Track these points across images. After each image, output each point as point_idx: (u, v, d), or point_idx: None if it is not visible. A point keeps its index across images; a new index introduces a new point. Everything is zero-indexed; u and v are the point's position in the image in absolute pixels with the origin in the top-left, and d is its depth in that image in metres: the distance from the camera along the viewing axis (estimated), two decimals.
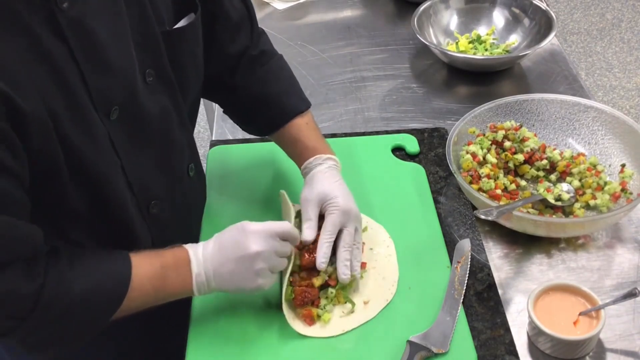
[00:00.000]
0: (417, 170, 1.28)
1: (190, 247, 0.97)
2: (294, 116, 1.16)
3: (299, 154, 1.15)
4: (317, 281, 1.03)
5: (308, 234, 1.03)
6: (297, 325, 1.01)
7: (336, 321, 1.02)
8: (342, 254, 1.03)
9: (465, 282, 1.06)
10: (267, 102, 1.17)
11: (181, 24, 1.03)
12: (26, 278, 0.83)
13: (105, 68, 0.88)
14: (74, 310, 0.87)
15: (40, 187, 0.86)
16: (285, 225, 0.99)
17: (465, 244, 1.12)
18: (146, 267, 0.93)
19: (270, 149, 1.35)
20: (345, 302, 1.04)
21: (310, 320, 1.01)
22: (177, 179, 1.08)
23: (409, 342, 0.97)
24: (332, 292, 1.03)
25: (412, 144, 1.34)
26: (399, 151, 1.34)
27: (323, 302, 1.03)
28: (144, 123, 0.97)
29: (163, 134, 1.02)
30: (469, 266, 1.09)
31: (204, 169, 1.28)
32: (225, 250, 0.96)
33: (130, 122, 0.94)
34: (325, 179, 1.08)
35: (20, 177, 0.82)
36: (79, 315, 0.88)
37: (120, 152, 0.94)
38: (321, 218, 1.06)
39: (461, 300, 1.04)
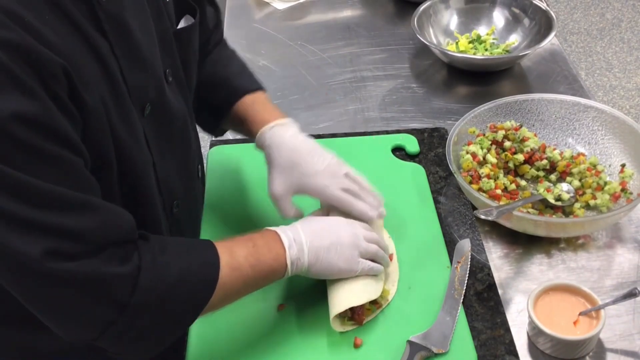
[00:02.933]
0: (417, 171, 1.28)
1: (275, 228, 0.96)
2: (242, 95, 1.13)
3: (252, 125, 1.10)
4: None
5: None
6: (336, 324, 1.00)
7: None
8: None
9: (465, 282, 1.06)
10: (217, 85, 1.16)
11: (182, 24, 1.03)
12: (123, 261, 0.80)
13: (140, 64, 0.89)
14: (173, 294, 0.84)
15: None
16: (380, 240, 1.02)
17: (465, 244, 1.12)
18: (239, 245, 0.92)
19: None
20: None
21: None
22: (191, 179, 1.10)
23: (409, 342, 0.97)
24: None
25: (412, 144, 1.34)
26: (399, 151, 1.34)
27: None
28: (170, 122, 0.98)
29: (183, 134, 1.03)
30: (469, 266, 1.09)
31: (205, 169, 1.28)
32: (321, 227, 0.96)
33: (159, 120, 0.95)
34: (292, 156, 1.04)
35: (86, 158, 0.80)
36: (177, 300, 0.85)
37: (153, 150, 0.94)
38: None
39: (461, 300, 1.04)
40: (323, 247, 0.95)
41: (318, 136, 1.39)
